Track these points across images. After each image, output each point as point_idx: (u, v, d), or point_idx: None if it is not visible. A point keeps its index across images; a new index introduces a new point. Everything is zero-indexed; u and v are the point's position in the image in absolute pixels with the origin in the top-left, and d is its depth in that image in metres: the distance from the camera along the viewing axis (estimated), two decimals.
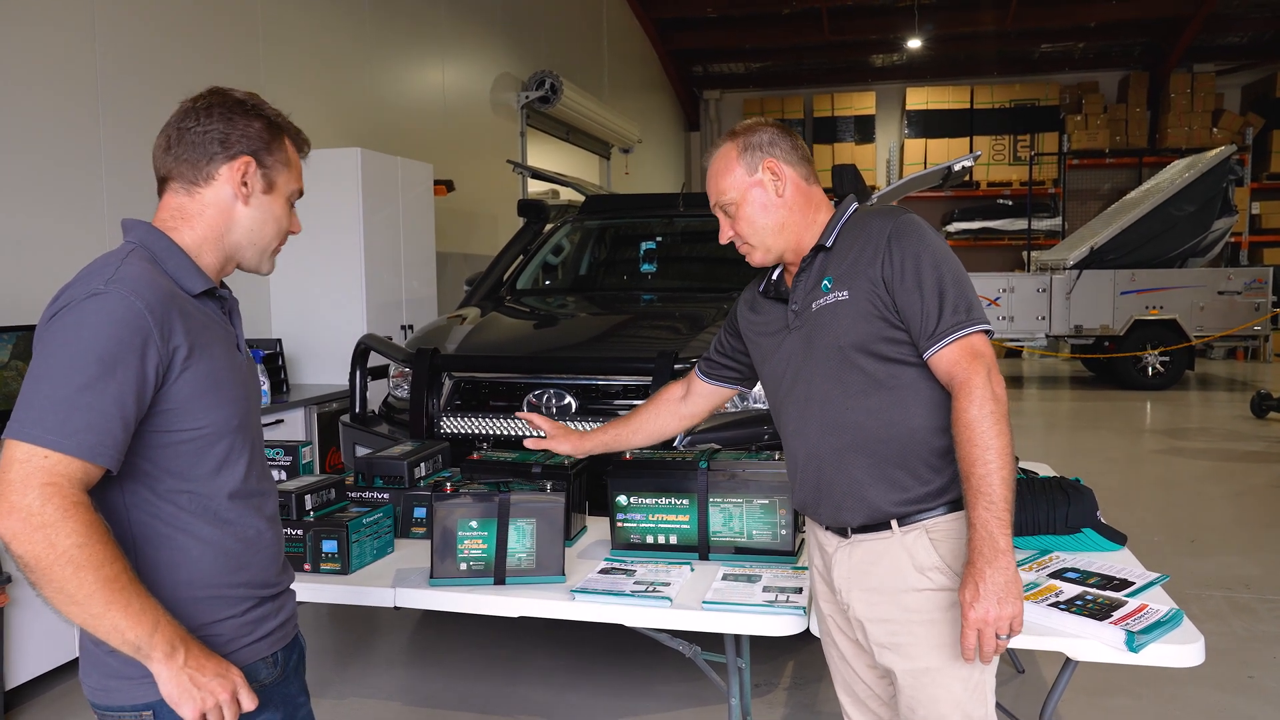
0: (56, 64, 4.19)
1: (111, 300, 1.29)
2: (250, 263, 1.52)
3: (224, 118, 1.44)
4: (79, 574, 1.22)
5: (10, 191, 3.94)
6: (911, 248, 1.68)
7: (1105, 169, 15.83)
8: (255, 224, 1.48)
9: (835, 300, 1.74)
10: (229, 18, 5.37)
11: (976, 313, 1.66)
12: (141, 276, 1.33)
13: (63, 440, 1.24)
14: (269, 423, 4.58)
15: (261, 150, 1.47)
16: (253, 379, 1.55)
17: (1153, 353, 10.91)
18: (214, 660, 1.34)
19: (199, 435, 1.39)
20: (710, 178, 1.86)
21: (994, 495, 1.58)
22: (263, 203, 1.48)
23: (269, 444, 3.00)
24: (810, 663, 3.50)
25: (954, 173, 5.20)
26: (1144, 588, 2.19)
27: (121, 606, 1.25)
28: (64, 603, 1.24)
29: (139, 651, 1.27)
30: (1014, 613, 1.58)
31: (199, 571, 1.40)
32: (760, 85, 18.25)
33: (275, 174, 1.49)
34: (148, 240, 1.42)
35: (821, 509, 1.83)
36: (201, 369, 1.37)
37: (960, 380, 1.63)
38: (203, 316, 1.42)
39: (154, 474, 1.37)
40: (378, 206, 5.67)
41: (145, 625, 1.27)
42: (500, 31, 9.64)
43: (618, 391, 3.73)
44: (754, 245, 1.85)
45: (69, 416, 1.24)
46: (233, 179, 1.45)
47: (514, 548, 2.34)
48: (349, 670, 3.61)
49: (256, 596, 1.47)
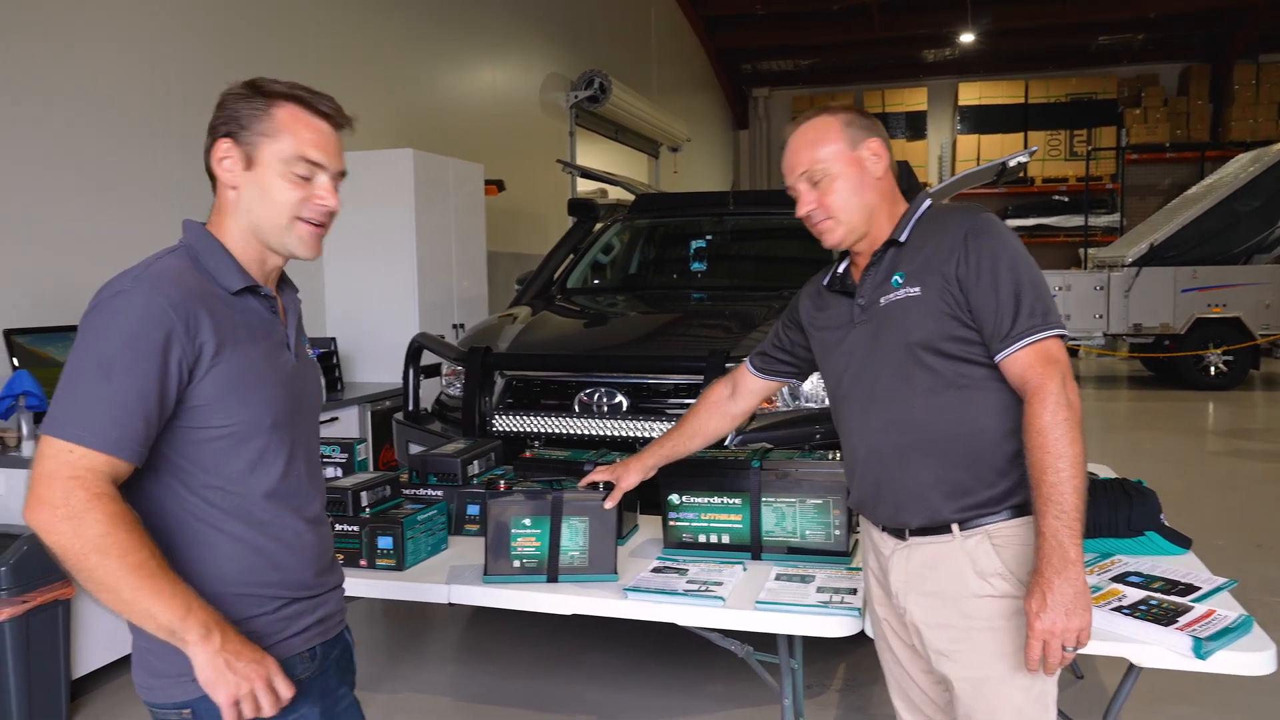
0: (127, 75, 4.30)
1: (135, 297, 1.32)
2: (274, 243, 1.46)
3: (217, 108, 1.43)
4: (105, 561, 1.25)
5: (83, 195, 4.06)
6: (989, 247, 1.65)
7: (1165, 164, 15.45)
8: (251, 204, 1.43)
9: (906, 296, 1.71)
10: (284, 26, 5.47)
11: (1053, 317, 1.63)
12: (168, 273, 1.35)
13: (87, 435, 1.27)
14: (323, 420, 4.65)
15: (237, 128, 1.41)
16: (302, 379, 1.53)
17: (1215, 352, 10.62)
18: (250, 648, 1.34)
19: (229, 432, 1.39)
20: (801, 145, 1.78)
21: (1065, 504, 1.54)
22: (248, 180, 1.42)
23: (322, 440, 3.05)
24: (864, 665, 3.47)
25: (1008, 169, 5.11)
26: (1211, 593, 2.12)
27: (151, 591, 1.27)
28: (96, 589, 1.27)
29: (173, 635, 1.29)
30: (1082, 624, 1.54)
31: (230, 569, 1.40)
32: (810, 82, 18.13)
33: (255, 147, 1.41)
34: (193, 239, 1.45)
35: (880, 508, 1.80)
36: (232, 366, 1.37)
37: (1034, 385, 1.60)
38: (239, 314, 1.41)
39: (187, 469, 1.38)
40: (429, 207, 5.73)
41: (177, 609, 1.28)
42: (549, 32, 9.68)
43: (669, 390, 3.73)
44: (839, 221, 1.77)
45: (93, 412, 1.28)
46: (217, 165, 1.43)
47: (567, 545, 2.35)
48: (402, 665, 3.65)
49: (289, 597, 1.46)
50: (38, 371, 3.43)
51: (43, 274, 3.87)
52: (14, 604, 2.97)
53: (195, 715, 1.38)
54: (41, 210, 3.88)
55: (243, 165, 1.42)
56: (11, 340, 3.51)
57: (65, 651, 3.18)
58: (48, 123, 3.92)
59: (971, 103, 16.66)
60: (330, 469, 3.02)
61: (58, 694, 3.16)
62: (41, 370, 3.49)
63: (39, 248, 3.87)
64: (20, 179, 3.80)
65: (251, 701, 1.31)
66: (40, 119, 3.89)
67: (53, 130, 3.94)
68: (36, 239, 3.86)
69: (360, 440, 3.09)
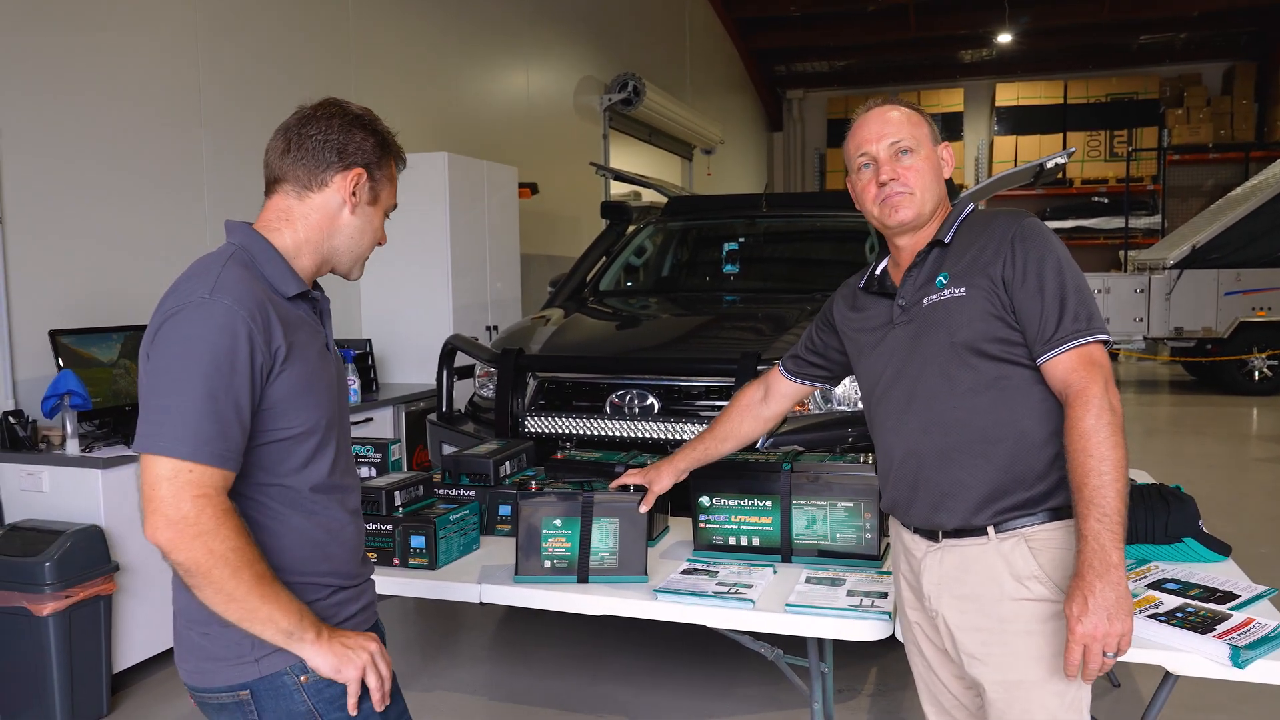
0: (162, 76, 4.38)
1: (217, 309, 1.35)
2: (343, 268, 1.60)
3: (343, 129, 1.51)
4: (237, 574, 1.32)
5: (119, 196, 4.14)
6: (1036, 251, 1.66)
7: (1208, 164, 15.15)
8: (356, 232, 1.56)
9: (951, 296, 1.71)
10: (322, 28, 5.54)
11: (1097, 322, 1.63)
12: (240, 283, 1.40)
13: (203, 452, 1.32)
14: (359, 420, 4.71)
15: (373, 164, 1.54)
16: (340, 377, 1.61)
17: (1259, 356, 10.42)
18: (352, 633, 1.46)
19: (293, 434, 1.45)
20: (892, 119, 1.78)
21: (1108, 508, 1.53)
22: (366, 213, 1.56)
23: (359, 440, 3.09)
24: (894, 670, 3.44)
25: (1046, 170, 5.05)
26: (1250, 601, 2.09)
27: (274, 599, 1.35)
28: (223, 601, 1.33)
29: (291, 638, 1.38)
30: (1124, 630, 1.52)
31: (289, 558, 1.46)
32: (844, 84, 18.02)
33: (380, 188, 1.57)
34: (248, 243, 1.49)
35: (914, 510, 1.79)
36: (298, 370, 1.44)
37: (1077, 389, 1.59)
38: (296, 319, 1.47)
39: (249, 470, 1.42)
40: (464, 209, 5.77)
41: (294, 613, 1.37)
42: (583, 35, 9.72)
43: (701, 392, 3.73)
44: (915, 198, 1.76)
45: (200, 427, 1.32)
46: (344, 188, 1.51)
47: (597, 547, 2.36)
48: (435, 664, 3.68)
49: (337, 585, 1.53)
50: (81, 371, 3.51)
51: (86, 275, 3.95)
52: (58, 598, 3.04)
53: (254, 696, 1.43)
54: (83, 213, 3.97)
55: (369, 199, 1.55)
56: (56, 341, 3.58)
57: (107, 645, 3.25)
58: (89, 128, 4.00)
59: (1009, 103, 16.47)
60: (365, 469, 3.06)
61: (99, 687, 3.22)
62: (85, 370, 3.57)
63: (81, 250, 3.95)
64: (63, 183, 3.88)
65: (374, 670, 1.44)
66: (81, 124, 3.97)
67: (94, 135, 4.02)
68: (79, 241, 3.94)
69: (394, 441, 3.13)
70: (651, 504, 2.36)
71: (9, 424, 3.41)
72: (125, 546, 3.31)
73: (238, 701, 1.43)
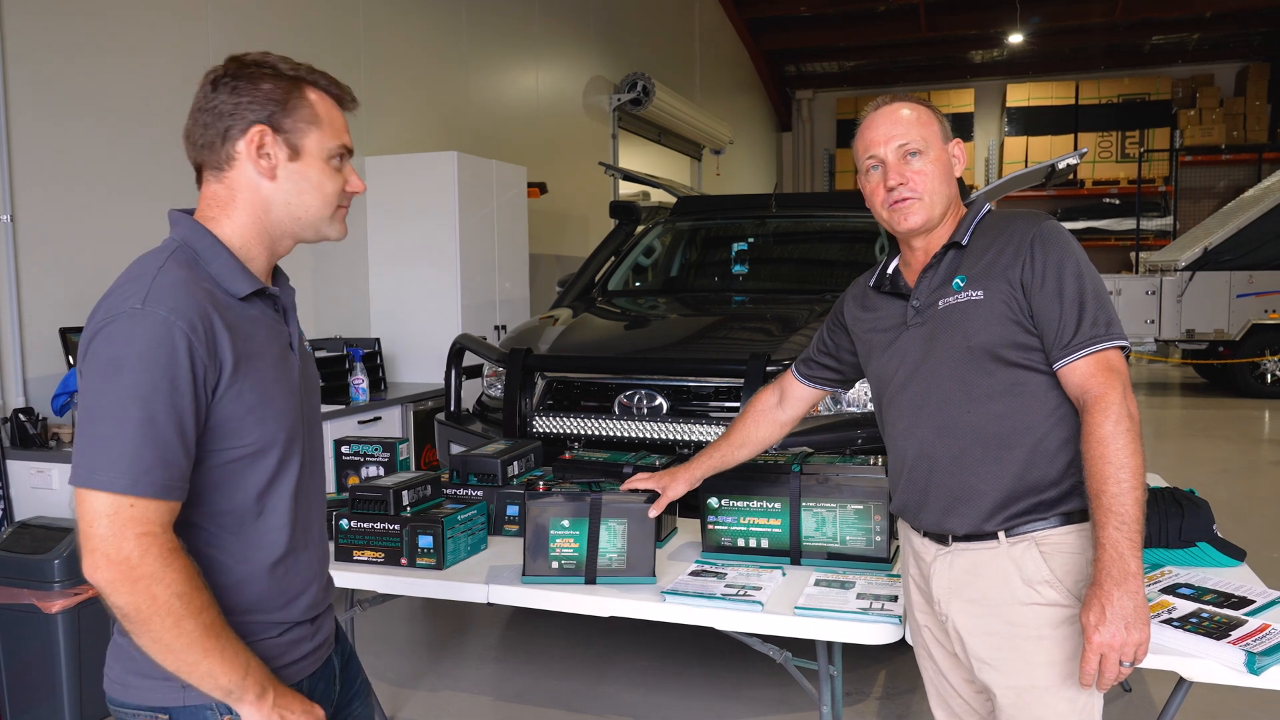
0: (173, 75, 4.39)
1: (151, 321, 1.19)
2: (308, 236, 1.39)
3: (230, 88, 1.30)
4: (179, 625, 1.19)
5: (130, 195, 4.15)
6: (1055, 254, 1.64)
7: (1221, 166, 15.06)
8: (291, 197, 1.34)
9: (968, 299, 1.68)
10: (332, 28, 5.55)
11: (1115, 328, 1.61)
12: (178, 288, 1.23)
13: (143, 484, 1.17)
14: (366, 419, 4.70)
15: (276, 113, 1.31)
16: (305, 378, 1.44)
17: (1272, 358, 10.35)
18: (297, 698, 1.31)
19: (245, 453, 1.30)
20: (900, 119, 1.75)
21: (1126, 515, 1.51)
22: (292, 172, 1.33)
23: (365, 439, 3.09)
24: (903, 673, 3.42)
25: (1058, 171, 5.02)
26: (1265, 606, 2.07)
27: (217, 653, 1.22)
28: (160, 651, 1.20)
29: (230, 695, 1.24)
30: (1141, 639, 1.50)
31: (239, 596, 1.32)
32: (854, 84, 17.98)
33: (299, 136, 1.32)
34: (191, 238, 1.32)
35: (925, 513, 1.78)
36: (249, 382, 1.28)
37: (1094, 395, 1.57)
38: (248, 323, 1.31)
39: (195, 496, 1.27)
40: (473, 209, 5.77)
41: (238, 670, 1.24)
42: (592, 35, 9.71)
43: (709, 393, 3.72)
44: (923, 202, 1.73)
45: (138, 456, 1.17)
46: (250, 155, 1.31)
47: (605, 547, 2.35)
48: (442, 663, 3.68)
49: (291, 622, 1.39)
50: None
51: (96, 273, 3.96)
52: (67, 596, 3.04)
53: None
54: (94, 212, 3.98)
55: (287, 155, 1.32)
56: (67, 338, 3.59)
57: None
58: (99, 127, 4.02)
59: (1020, 104, 16.41)
60: (372, 468, 3.05)
61: None
62: None
63: (92, 248, 3.96)
64: (74, 182, 3.90)
65: None
66: (92, 124, 3.98)
67: (104, 135, 4.04)
68: (90, 239, 3.95)
69: (402, 440, 3.12)
70: (662, 509, 2.35)
71: (19, 421, 3.42)
72: None
73: None
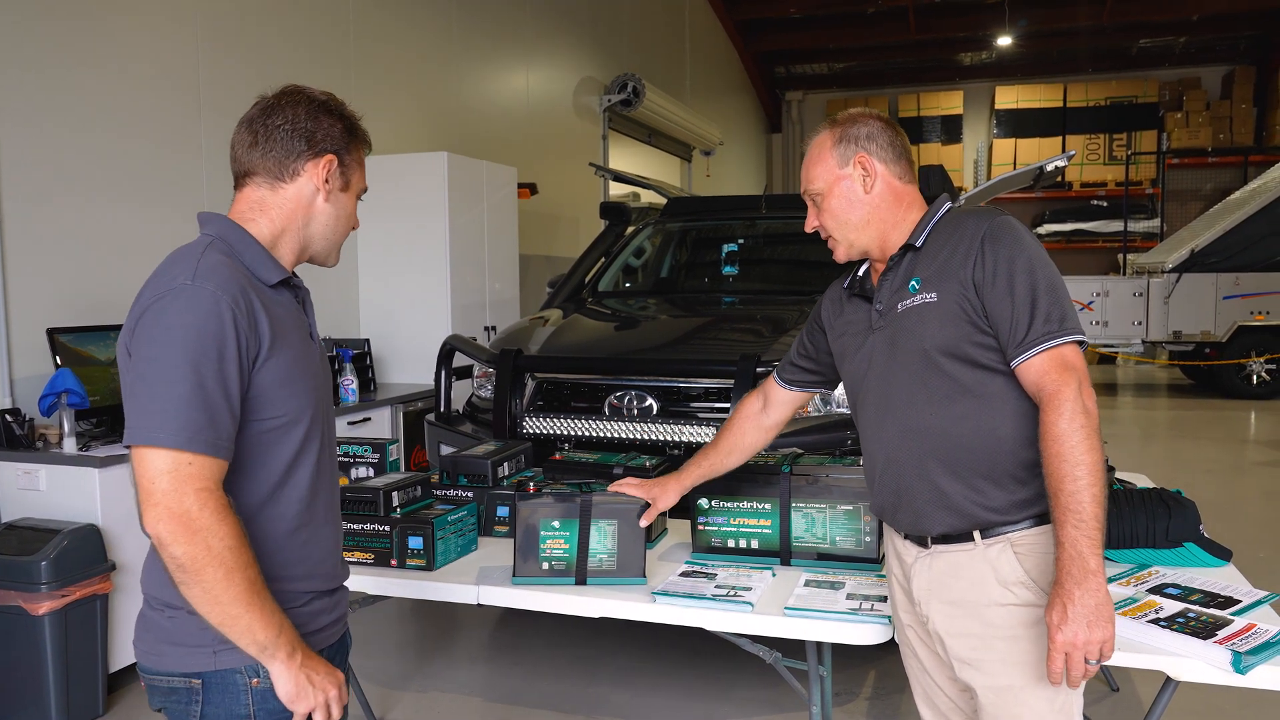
0: (162, 75, 4.37)
1: (201, 294, 1.33)
2: (320, 254, 1.59)
3: (310, 116, 1.50)
4: (230, 577, 1.29)
5: (117, 196, 4.12)
6: (1005, 251, 1.62)
7: (1207, 168, 15.16)
8: (331, 219, 1.55)
9: (923, 302, 1.69)
10: (319, 31, 5.53)
11: (1070, 323, 1.59)
12: (221, 269, 1.38)
13: (196, 441, 1.28)
14: (356, 420, 4.69)
15: (342, 150, 1.53)
16: (325, 369, 1.59)
17: (1258, 360, 10.42)
18: (322, 662, 1.42)
19: (277, 424, 1.42)
20: (804, 165, 1.85)
21: (1084, 513, 1.51)
22: (340, 199, 1.55)
23: (355, 440, 3.09)
24: (892, 672, 3.43)
25: (1046, 173, 5.04)
26: (1251, 606, 2.08)
27: (259, 608, 1.32)
28: (208, 602, 1.30)
29: (264, 652, 1.34)
30: (1104, 637, 1.51)
31: (269, 561, 1.41)
32: (844, 86, 18.01)
33: (351, 172, 1.56)
34: (225, 233, 1.47)
35: (900, 516, 1.79)
36: (283, 356, 1.42)
37: (1049, 392, 1.57)
38: (277, 307, 1.45)
39: (236, 459, 1.38)
40: (463, 210, 5.76)
41: (273, 627, 1.34)
42: (583, 35, 9.71)
43: (699, 394, 3.72)
44: (837, 239, 1.83)
45: (191, 417, 1.29)
46: (317, 176, 1.51)
47: (595, 548, 2.35)
48: (431, 664, 3.67)
49: (315, 591, 1.50)
50: (79, 370, 3.49)
51: (83, 274, 3.94)
52: (54, 597, 3.03)
53: (204, 685, 1.40)
54: (81, 212, 3.95)
55: (341, 185, 1.55)
56: (54, 339, 3.57)
57: (103, 645, 3.23)
58: (88, 127, 3.99)
59: (1008, 106, 16.46)
60: (362, 469, 3.05)
61: (95, 687, 3.21)
62: (83, 369, 3.55)
63: (79, 249, 3.94)
64: (61, 182, 3.87)
65: (325, 712, 1.40)
66: (81, 124, 3.96)
67: (93, 135, 4.01)
68: (77, 240, 3.93)
69: (392, 441, 3.12)
70: (653, 519, 2.35)
71: (6, 422, 3.40)
72: (122, 545, 3.30)
73: (187, 688, 1.40)
